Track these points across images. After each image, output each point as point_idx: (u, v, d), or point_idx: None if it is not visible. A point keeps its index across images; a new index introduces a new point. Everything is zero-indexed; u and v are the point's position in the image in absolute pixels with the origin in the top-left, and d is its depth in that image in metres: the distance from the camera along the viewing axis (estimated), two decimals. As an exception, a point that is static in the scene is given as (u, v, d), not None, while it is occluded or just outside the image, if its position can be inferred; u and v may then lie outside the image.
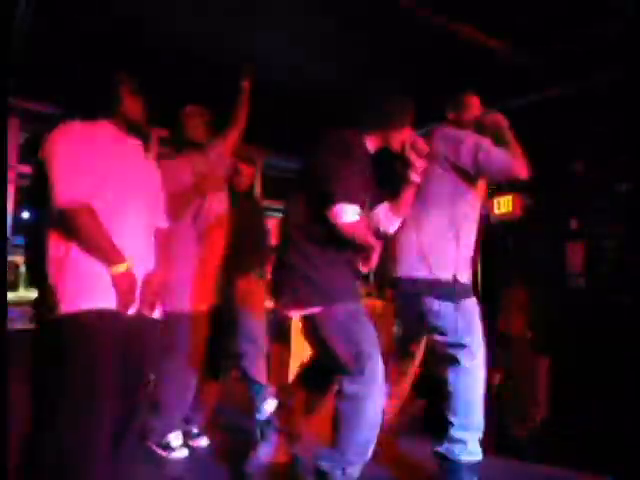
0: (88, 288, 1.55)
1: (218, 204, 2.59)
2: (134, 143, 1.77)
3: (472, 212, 2.22)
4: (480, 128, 2.21)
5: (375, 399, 1.84)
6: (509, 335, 3.56)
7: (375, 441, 1.87)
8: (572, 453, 2.57)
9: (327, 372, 2.03)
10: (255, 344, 2.89)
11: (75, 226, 1.54)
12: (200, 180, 2.48)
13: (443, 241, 2.13)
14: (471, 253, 2.22)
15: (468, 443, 2.09)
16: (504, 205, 4.42)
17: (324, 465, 1.89)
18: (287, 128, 3.99)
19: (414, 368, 2.50)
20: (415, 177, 2.03)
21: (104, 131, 1.68)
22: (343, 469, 1.86)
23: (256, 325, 2.92)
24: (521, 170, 2.01)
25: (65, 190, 1.52)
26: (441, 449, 2.14)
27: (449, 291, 2.09)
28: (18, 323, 3.66)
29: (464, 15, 2.76)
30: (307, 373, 2.22)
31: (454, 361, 2.13)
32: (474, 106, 2.29)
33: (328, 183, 1.81)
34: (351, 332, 1.85)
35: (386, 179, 2.10)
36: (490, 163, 2.03)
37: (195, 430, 2.62)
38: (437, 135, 2.18)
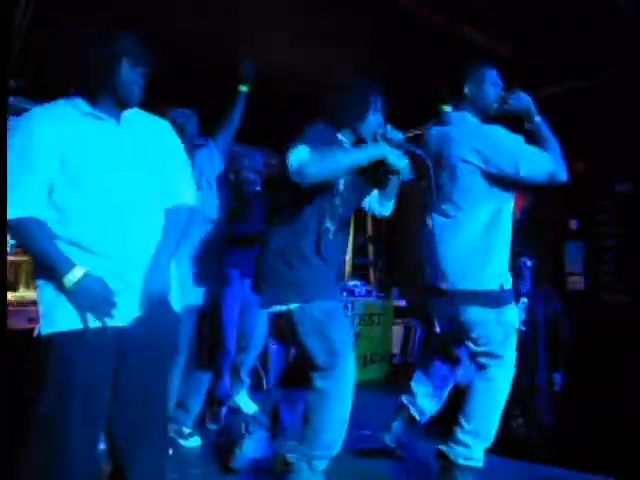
0: (52, 308, 1.37)
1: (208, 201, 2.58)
2: (120, 121, 1.45)
3: (505, 217, 2.01)
4: (502, 113, 1.91)
5: (343, 396, 1.88)
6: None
7: (343, 437, 1.90)
8: (573, 453, 2.56)
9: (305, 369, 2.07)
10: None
11: (17, 240, 1.45)
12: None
13: (478, 251, 1.97)
14: (507, 260, 2.04)
15: (472, 448, 2.05)
16: (504, 205, 4.41)
17: (291, 457, 1.94)
18: (287, 129, 3.98)
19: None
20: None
21: (73, 109, 1.41)
22: (309, 462, 1.90)
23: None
24: (561, 173, 1.77)
25: (10, 198, 1.29)
26: (443, 448, 2.12)
27: (491, 299, 1.98)
28: (18, 323, 3.66)
29: (464, 15, 2.75)
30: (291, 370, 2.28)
31: (483, 367, 2.07)
32: (494, 83, 1.92)
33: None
34: (325, 329, 1.88)
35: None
36: (530, 169, 1.77)
37: (187, 430, 2.60)
38: (456, 122, 1.93)
